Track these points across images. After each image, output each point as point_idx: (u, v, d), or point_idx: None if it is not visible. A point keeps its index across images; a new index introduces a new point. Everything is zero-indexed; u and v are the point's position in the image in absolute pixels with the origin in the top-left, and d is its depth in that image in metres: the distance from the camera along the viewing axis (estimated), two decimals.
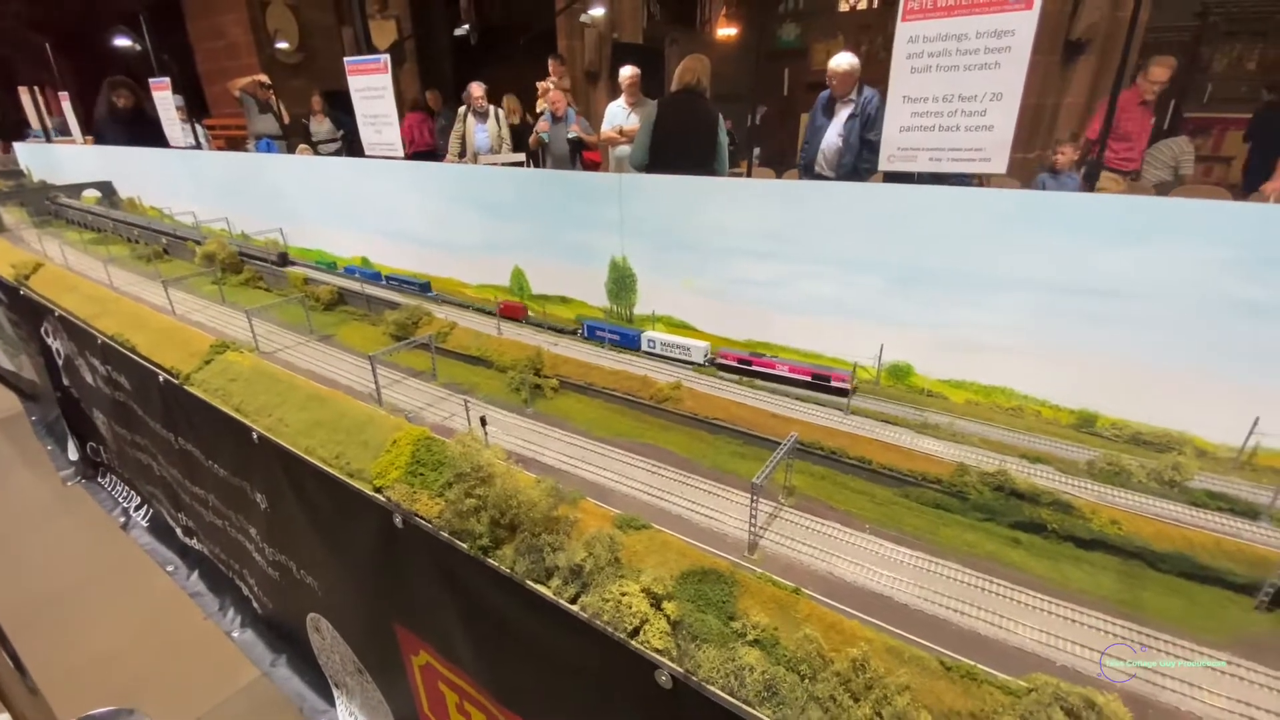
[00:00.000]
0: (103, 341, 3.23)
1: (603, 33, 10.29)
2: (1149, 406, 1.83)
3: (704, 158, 4.47)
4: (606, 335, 2.68)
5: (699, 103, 4.48)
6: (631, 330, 2.65)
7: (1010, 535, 1.51)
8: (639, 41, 10.84)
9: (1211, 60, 8.70)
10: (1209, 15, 8.55)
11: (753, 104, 10.10)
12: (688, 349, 2.49)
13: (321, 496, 2.13)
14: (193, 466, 2.99)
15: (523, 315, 2.98)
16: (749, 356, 2.36)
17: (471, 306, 3.11)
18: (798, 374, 2.23)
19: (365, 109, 3.42)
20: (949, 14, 1.88)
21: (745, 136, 9.89)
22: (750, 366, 2.33)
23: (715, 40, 11.74)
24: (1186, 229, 1.68)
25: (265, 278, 3.69)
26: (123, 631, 3.53)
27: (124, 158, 6.37)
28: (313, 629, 2.80)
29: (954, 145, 1.97)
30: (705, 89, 4.58)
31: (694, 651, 1.30)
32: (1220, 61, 8.66)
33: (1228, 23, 8.49)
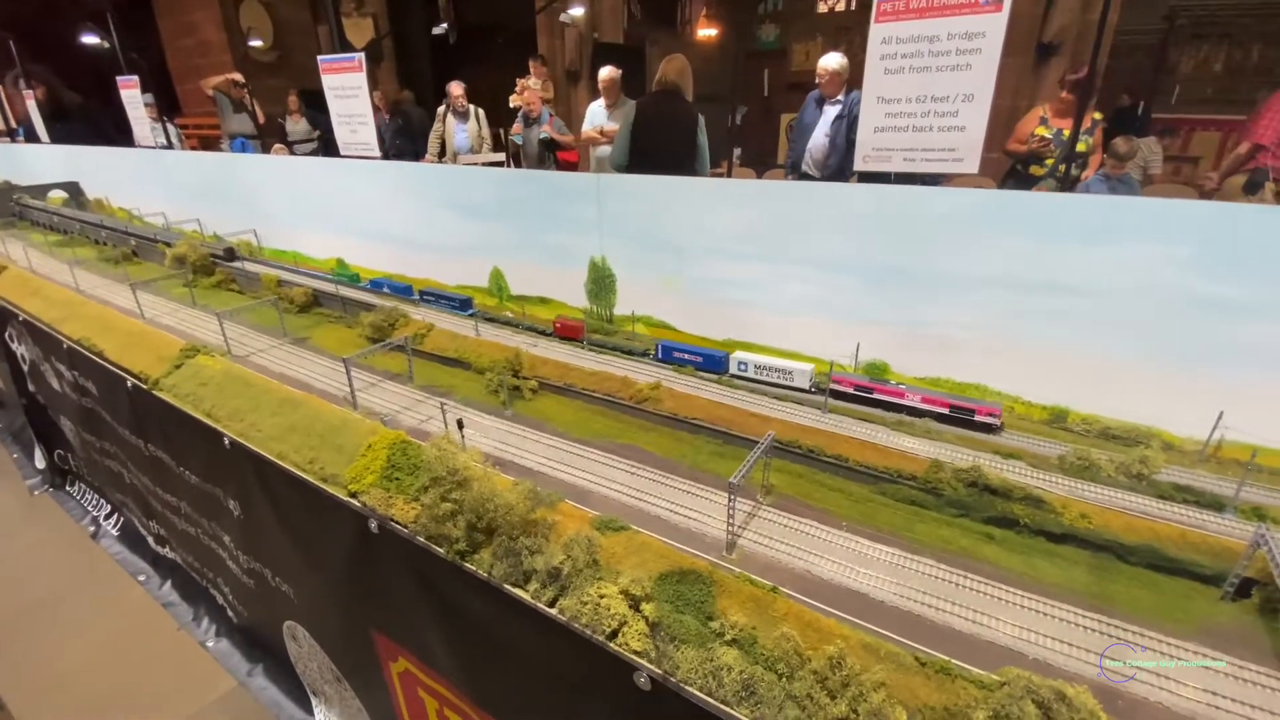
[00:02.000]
0: (69, 346, 3.15)
1: (583, 33, 10.26)
2: (1118, 401, 1.87)
3: (684, 158, 4.48)
4: (686, 357, 2.40)
5: (678, 103, 4.48)
6: (717, 351, 2.35)
7: (984, 530, 1.53)
8: (620, 42, 10.82)
9: (1179, 62, 8.91)
10: (1176, 19, 8.76)
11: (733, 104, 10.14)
12: (789, 373, 2.19)
13: (296, 502, 2.09)
14: (164, 473, 2.92)
15: (581, 335, 2.64)
16: (870, 383, 2.07)
17: (520, 325, 2.82)
18: (933, 405, 1.95)
19: (340, 108, 3.37)
20: (921, 16, 1.90)
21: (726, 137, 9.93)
22: (872, 395, 2.05)
23: (696, 41, 11.76)
24: (1152, 227, 1.71)
25: (238, 280, 3.62)
26: (94, 644, 3.44)
27: (92, 158, 6.22)
28: (289, 637, 2.75)
29: (927, 145, 1.99)
30: (685, 89, 4.58)
31: (672, 652, 1.30)
32: (1187, 64, 8.88)
33: (1194, 25, 8.71)
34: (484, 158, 7.56)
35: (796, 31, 11.36)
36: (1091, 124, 4.52)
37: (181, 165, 4.95)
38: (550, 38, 10.36)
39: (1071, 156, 3.98)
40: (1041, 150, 4.54)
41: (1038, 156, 4.59)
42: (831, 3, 10.96)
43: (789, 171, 5.23)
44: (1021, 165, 4.74)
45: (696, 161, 4.51)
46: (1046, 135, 4.49)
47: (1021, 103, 7.15)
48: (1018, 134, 4.75)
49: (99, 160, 5.94)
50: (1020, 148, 4.67)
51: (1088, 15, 7.13)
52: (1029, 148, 4.59)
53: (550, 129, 6.93)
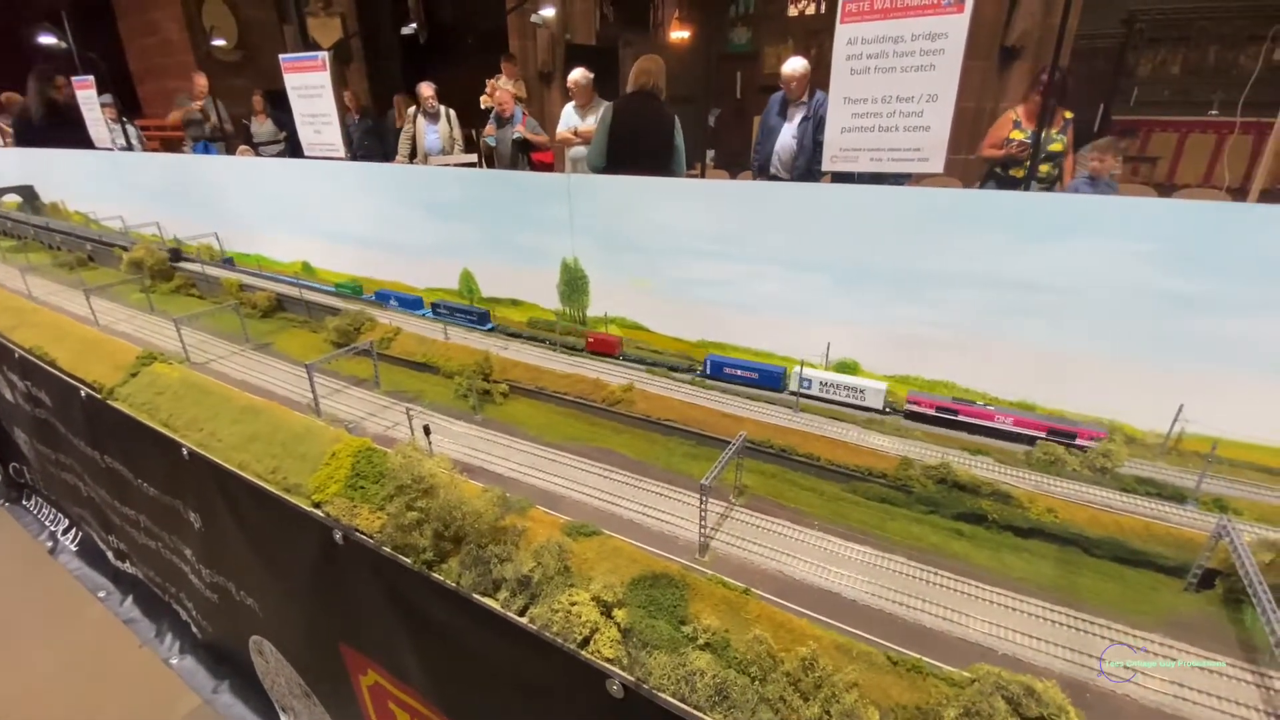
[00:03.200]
0: (20, 355, 3.02)
1: (555, 34, 10.22)
2: (1081, 395, 1.90)
3: (662, 160, 4.46)
4: (738, 374, 2.22)
5: (654, 104, 4.47)
6: (774, 367, 2.18)
7: (953, 527, 1.54)
8: (592, 43, 10.80)
9: (1137, 65, 9.17)
10: (1135, 22, 9.01)
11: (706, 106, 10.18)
12: (860, 391, 2.02)
13: (258, 514, 2.02)
14: (122, 486, 2.82)
15: (618, 350, 2.49)
16: (953, 404, 1.91)
17: (549, 341, 2.62)
18: (1027, 428, 1.81)
19: (303, 108, 3.29)
20: (885, 16, 1.91)
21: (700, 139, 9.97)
22: (956, 417, 1.89)
23: (668, 43, 11.79)
24: (1111, 225, 1.74)
25: (198, 285, 3.51)
26: (52, 663, 3.31)
27: (47, 160, 5.99)
28: (256, 652, 2.67)
29: (893, 145, 2.01)
30: (660, 90, 4.57)
31: (645, 659, 1.28)
32: (1145, 66, 9.14)
33: (1152, 29, 8.97)
34: (455, 159, 7.48)
35: (768, 34, 11.45)
36: (1064, 123, 4.62)
37: (140, 167, 4.79)
38: (522, 39, 10.29)
39: (1037, 156, 4.06)
40: (1019, 154, 4.63)
41: (1015, 159, 4.68)
42: (801, 6, 11.07)
43: (756, 174, 5.26)
44: (1001, 169, 4.84)
45: (674, 163, 4.50)
46: (1024, 139, 4.59)
47: (987, 105, 7.31)
48: (991, 138, 4.85)
49: (55, 163, 5.73)
50: (997, 152, 4.77)
51: (1049, 20, 7.30)
52: (1005, 151, 4.69)
53: (524, 129, 6.89)
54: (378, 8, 11.87)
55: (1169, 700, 1.14)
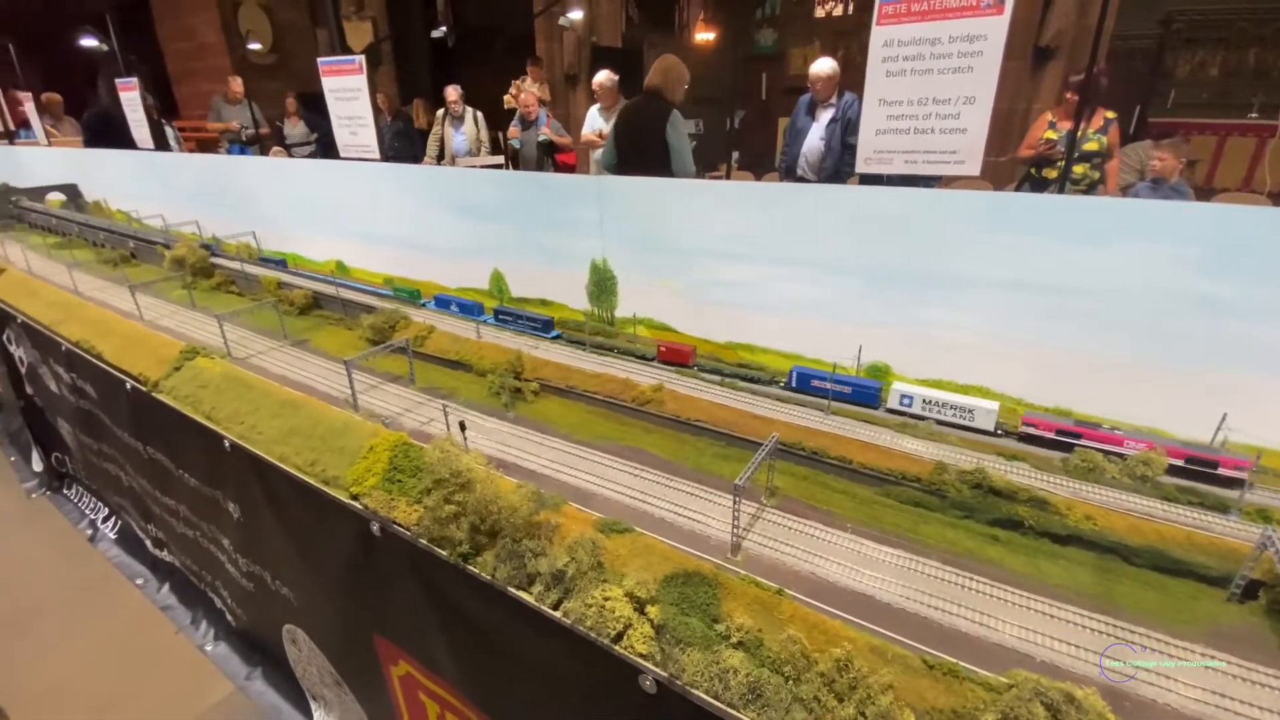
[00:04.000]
0: (67, 349, 3.13)
1: (581, 36, 10.29)
2: (1120, 402, 1.87)
3: (656, 159, 4.44)
4: (828, 388, 2.08)
5: (655, 104, 4.46)
6: (870, 381, 2.08)
7: (989, 532, 1.53)
8: (618, 45, 10.85)
9: (1175, 67, 8.96)
10: (1172, 23, 8.81)
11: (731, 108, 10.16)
12: (969, 411, 1.90)
13: (296, 505, 2.08)
14: (163, 476, 2.91)
15: (691, 360, 2.38)
16: (1075, 427, 1.78)
17: (617, 350, 2.54)
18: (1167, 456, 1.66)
19: (340, 110, 3.37)
20: (922, 19, 1.90)
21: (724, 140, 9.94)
22: (1079, 441, 1.75)
23: (693, 44, 11.79)
24: (1150, 229, 1.72)
25: (238, 282, 3.61)
26: (91, 648, 3.42)
27: (90, 160, 6.20)
28: (289, 641, 2.73)
29: (928, 148, 2.00)
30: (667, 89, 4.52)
31: (678, 655, 1.29)
32: (1183, 68, 8.92)
33: (1190, 30, 8.76)
34: (482, 160, 7.57)
35: (794, 36, 11.40)
36: (1105, 123, 4.54)
37: (180, 167, 4.94)
38: (548, 41, 10.38)
39: (1070, 156, 4.01)
40: (1050, 153, 4.58)
41: (1048, 160, 4.63)
42: (829, 7, 11.01)
43: (783, 175, 5.25)
44: (1035, 169, 4.80)
45: (672, 161, 4.45)
46: (1054, 138, 4.54)
47: (1019, 106, 7.20)
48: (1028, 140, 4.80)
49: (98, 162, 5.93)
50: (1030, 152, 4.74)
51: (1084, 20, 7.17)
52: (1038, 151, 4.65)
53: (548, 131, 6.95)
54: (408, 12, 12.06)
55: (1210, 710, 1.12)
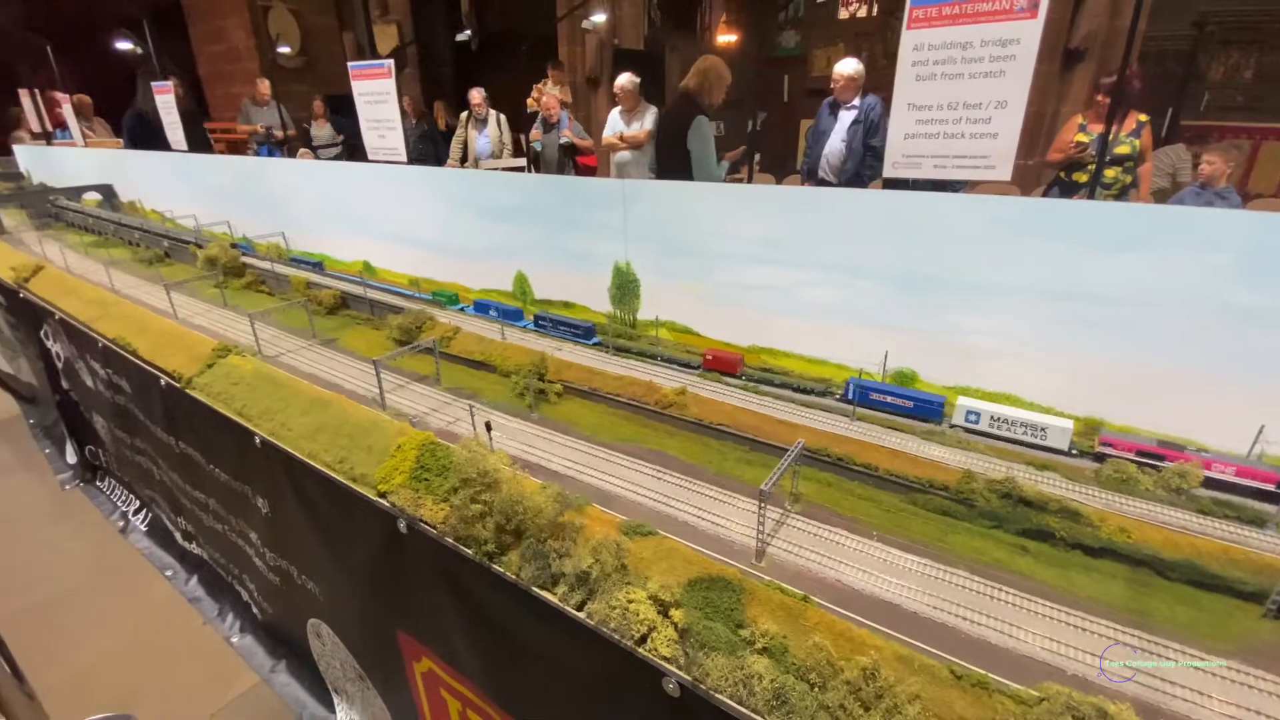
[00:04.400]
0: (103, 345, 3.22)
1: (603, 39, 10.34)
2: (1154, 413, 1.84)
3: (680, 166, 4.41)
4: (888, 401, 2.03)
5: (682, 107, 4.44)
6: (933, 396, 1.99)
7: (1018, 543, 1.51)
8: (639, 48, 10.88)
9: (1208, 69, 8.76)
10: (1206, 25, 8.61)
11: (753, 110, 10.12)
12: (1041, 430, 1.81)
13: (324, 501, 2.12)
14: (194, 471, 2.98)
15: (739, 369, 2.34)
16: (1159, 448, 1.69)
17: (660, 357, 2.50)
18: (1254, 479, 1.59)
19: (369, 113, 3.42)
20: (954, 23, 1.89)
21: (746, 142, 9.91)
22: (1162, 463, 1.67)
23: (715, 47, 11.79)
24: (1185, 236, 1.69)
25: (268, 281, 3.68)
26: (120, 636, 3.51)
27: (125, 160, 6.37)
28: (313, 634, 2.78)
29: (958, 152, 1.98)
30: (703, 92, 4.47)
31: (702, 659, 1.29)
32: (1217, 70, 8.72)
33: (1224, 32, 8.55)
34: (504, 163, 7.64)
35: (817, 37, 11.33)
36: (1137, 126, 4.47)
37: (212, 168, 5.05)
38: (570, 44, 10.45)
39: (1102, 160, 3.95)
40: (1081, 157, 4.51)
41: (1079, 163, 4.57)
42: (853, 9, 10.93)
43: (805, 177, 5.23)
44: (1064, 173, 4.73)
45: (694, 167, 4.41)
46: (1085, 141, 4.47)
47: (1048, 108, 7.10)
48: (1057, 143, 4.74)
49: (132, 163, 6.09)
50: (1060, 156, 4.67)
51: (1115, 21, 7.05)
52: (1069, 154, 4.58)
53: (569, 133, 6.99)
54: (432, 15, 12.21)
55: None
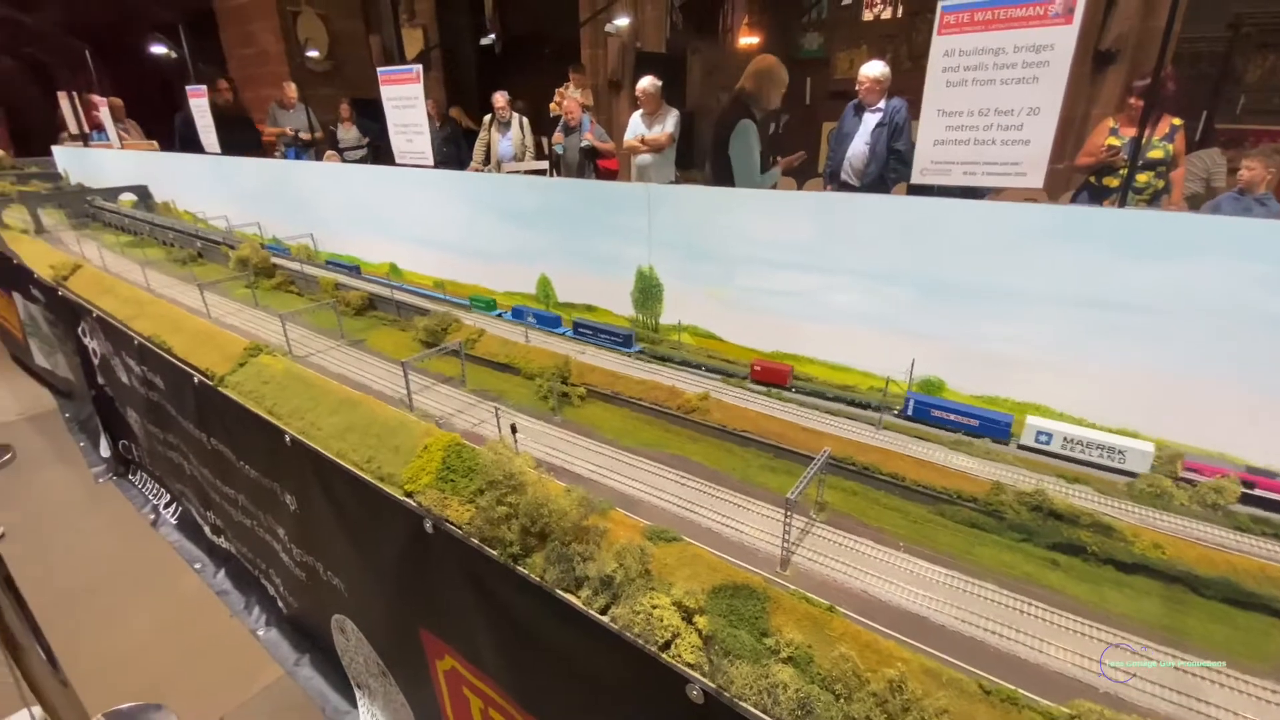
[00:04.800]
0: (139, 342, 3.31)
1: (626, 42, 10.37)
2: (1188, 426, 1.80)
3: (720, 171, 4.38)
4: (950, 419, 1.95)
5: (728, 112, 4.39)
6: (998, 414, 1.90)
7: (1048, 556, 1.49)
8: (661, 51, 10.90)
9: (1244, 71, 8.54)
10: (1241, 26, 8.40)
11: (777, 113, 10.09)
12: (1119, 453, 1.71)
13: (352, 500, 2.15)
14: (224, 467, 3.05)
15: (788, 380, 2.25)
16: (1251, 475, 1.58)
17: (703, 367, 2.44)
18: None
19: (397, 118, 3.48)
20: (986, 28, 1.87)
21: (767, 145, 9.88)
22: (1252, 490, 1.55)
23: (737, 49, 11.76)
24: (1220, 245, 1.65)
25: (297, 282, 3.75)
26: (150, 627, 3.59)
27: (159, 162, 6.54)
28: (337, 630, 2.83)
29: (989, 159, 1.96)
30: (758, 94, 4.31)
31: (726, 667, 1.29)
32: (1253, 73, 8.49)
33: (1261, 33, 8.33)
34: (526, 165, 7.71)
35: (840, 39, 11.26)
36: (1171, 130, 4.38)
37: (243, 171, 5.16)
38: (593, 48, 10.50)
39: (1134, 165, 3.87)
40: (1113, 161, 4.43)
41: (1110, 167, 4.48)
42: (877, 11, 10.84)
43: (827, 180, 5.20)
44: (1095, 178, 4.64)
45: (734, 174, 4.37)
46: (1116, 145, 4.39)
47: (1077, 111, 6.97)
48: (1087, 147, 4.65)
49: (167, 165, 6.25)
50: (1090, 160, 4.59)
51: (1147, 23, 6.91)
52: (1099, 158, 4.50)
53: (591, 137, 7.03)
54: (457, 20, 12.35)
55: None
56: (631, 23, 10.13)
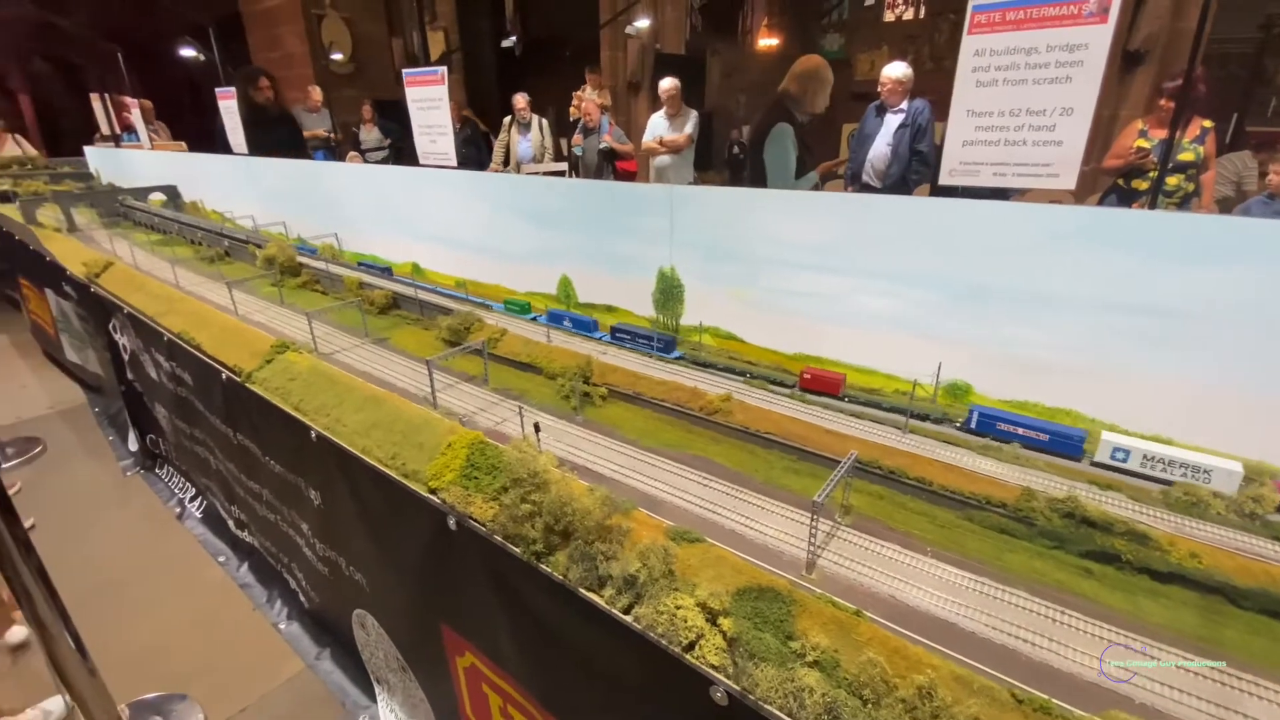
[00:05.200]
0: (168, 339, 3.37)
1: (645, 44, 10.40)
2: (1225, 434, 1.76)
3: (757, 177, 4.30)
4: (1018, 433, 1.85)
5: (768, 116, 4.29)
6: (1069, 429, 1.81)
7: (1081, 565, 1.46)
8: (681, 52, 10.91)
9: (1276, 73, 8.34)
10: (1274, 27, 8.20)
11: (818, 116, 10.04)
12: (1205, 473, 1.61)
13: (376, 496, 2.18)
14: (249, 462, 3.09)
15: (840, 390, 2.16)
16: None
17: (749, 375, 2.36)
18: None
19: (421, 119, 3.51)
20: (1018, 27, 1.85)
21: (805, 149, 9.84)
22: None
23: (756, 51, 11.73)
24: (1257, 249, 1.61)
25: (322, 281, 3.81)
26: (175, 619, 3.66)
27: (188, 162, 6.67)
28: (358, 625, 2.86)
29: (1020, 160, 1.93)
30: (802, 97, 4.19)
31: (751, 670, 1.28)
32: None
33: None
34: (545, 167, 7.75)
35: (861, 40, 11.19)
36: (1201, 132, 4.29)
37: (269, 171, 5.25)
38: (612, 50, 10.54)
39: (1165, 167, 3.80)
40: (1143, 163, 4.35)
41: (1140, 169, 4.40)
42: (899, 11, 10.75)
43: (849, 182, 5.16)
44: (1123, 180, 4.56)
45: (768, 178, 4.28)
46: (1146, 147, 4.31)
47: (1104, 112, 6.86)
48: (1116, 149, 4.57)
49: (195, 165, 6.37)
50: (1118, 162, 4.50)
51: (1178, 23, 6.78)
52: (1128, 160, 4.42)
53: (610, 138, 7.05)
54: (478, 22, 12.46)
55: None
56: (651, 25, 10.15)
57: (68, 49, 14.71)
